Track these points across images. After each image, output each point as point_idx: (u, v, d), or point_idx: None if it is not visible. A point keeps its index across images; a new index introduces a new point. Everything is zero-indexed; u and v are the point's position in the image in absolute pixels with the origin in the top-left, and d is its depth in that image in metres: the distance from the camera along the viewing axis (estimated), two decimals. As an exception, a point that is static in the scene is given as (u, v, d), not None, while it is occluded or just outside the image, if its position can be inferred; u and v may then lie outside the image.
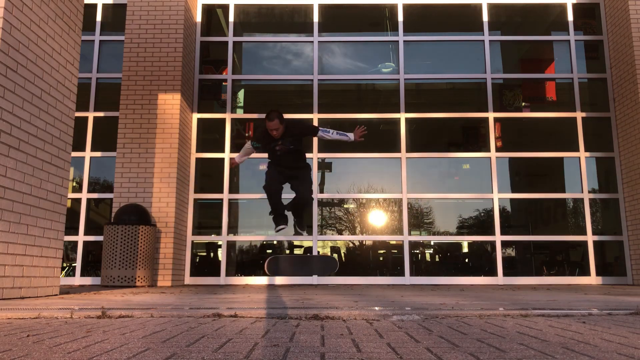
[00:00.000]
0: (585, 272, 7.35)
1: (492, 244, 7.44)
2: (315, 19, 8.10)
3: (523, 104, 7.97)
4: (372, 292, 4.75)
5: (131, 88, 7.14)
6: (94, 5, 8.00)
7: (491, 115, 7.75)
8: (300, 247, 7.71)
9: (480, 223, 7.62)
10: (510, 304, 3.11)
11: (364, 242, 7.72)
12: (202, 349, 1.57)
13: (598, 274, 7.32)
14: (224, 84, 7.95)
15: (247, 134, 7.94)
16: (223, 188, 7.57)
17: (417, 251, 7.66)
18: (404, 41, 8.00)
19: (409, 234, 7.44)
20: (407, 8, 8.14)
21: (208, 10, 8.29)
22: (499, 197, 7.50)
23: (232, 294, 4.57)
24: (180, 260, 7.10)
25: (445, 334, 1.91)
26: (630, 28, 7.16)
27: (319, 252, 7.48)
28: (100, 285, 6.51)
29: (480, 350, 1.54)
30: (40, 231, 4.12)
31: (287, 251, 7.68)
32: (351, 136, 4.73)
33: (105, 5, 8.07)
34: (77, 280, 7.17)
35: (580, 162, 7.60)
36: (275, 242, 7.74)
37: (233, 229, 7.66)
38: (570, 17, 8.07)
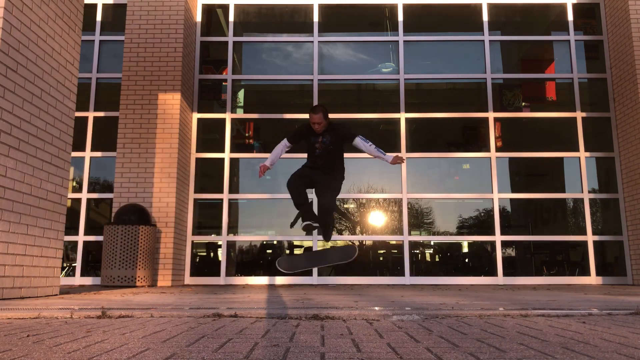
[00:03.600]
0: (585, 272, 7.35)
1: (492, 244, 7.44)
2: (315, 18, 8.10)
3: (523, 104, 7.97)
4: (372, 292, 4.75)
5: (131, 88, 7.14)
6: (94, 5, 8.01)
7: (491, 115, 7.75)
8: (301, 247, 7.71)
9: (480, 223, 7.62)
10: (510, 304, 3.11)
11: (364, 242, 7.71)
12: (202, 349, 1.57)
13: (598, 274, 7.32)
14: (224, 84, 7.95)
15: (247, 134, 7.94)
16: (223, 188, 7.57)
17: (417, 251, 7.66)
18: (404, 41, 8.00)
19: (409, 234, 7.44)
20: (407, 8, 8.14)
21: (208, 10, 8.29)
22: (499, 197, 7.50)
23: (232, 294, 4.57)
24: (180, 260, 7.10)
25: (445, 334, 1.91)
26: (630, 28, 7.16)
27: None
28: (100, 285, 6.50)
29: (480, 350, 1.54)
30: (40, 231, 4.12)
31: (287, 251, 7.67)
32: (389, 158, 4.45)
33: (105, 5, 8.07)
34: (77, 280, 7.17)
35: (580, 162, 7.60)
36: (275, 242, 7.74)
37: (233, 229, 7.66)
38: (570, 17, 8.08)
